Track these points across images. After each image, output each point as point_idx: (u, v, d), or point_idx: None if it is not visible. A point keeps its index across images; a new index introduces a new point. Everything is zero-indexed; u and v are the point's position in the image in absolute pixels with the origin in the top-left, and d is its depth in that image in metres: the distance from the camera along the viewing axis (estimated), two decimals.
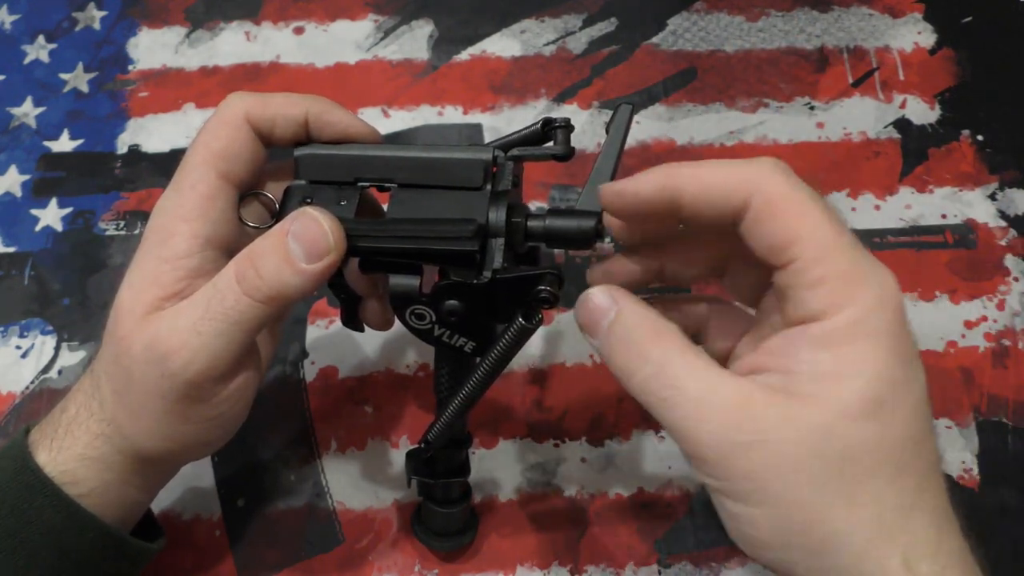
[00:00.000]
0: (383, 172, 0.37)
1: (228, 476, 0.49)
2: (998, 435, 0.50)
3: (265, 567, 0.47)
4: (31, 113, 0.60)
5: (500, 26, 0.64)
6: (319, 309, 0.54)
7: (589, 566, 0.47)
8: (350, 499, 0.49)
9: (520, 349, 0.36)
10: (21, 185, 0.58)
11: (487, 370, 0.37)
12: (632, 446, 0.50)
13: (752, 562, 0.47)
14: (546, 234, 0.36)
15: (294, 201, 0.37)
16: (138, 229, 0.56)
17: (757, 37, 0.63)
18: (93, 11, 0.64)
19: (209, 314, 0.34)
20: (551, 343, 0.53)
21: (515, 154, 0.37)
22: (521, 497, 0.49)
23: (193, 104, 0.60)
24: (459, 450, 0.43)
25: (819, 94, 0.61)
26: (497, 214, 0.36)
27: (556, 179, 0.58)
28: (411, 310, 0.36)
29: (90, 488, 0.36)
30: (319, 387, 0.52)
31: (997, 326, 0.53)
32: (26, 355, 0.52)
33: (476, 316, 0.36)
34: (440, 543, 0.46)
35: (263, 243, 0.34)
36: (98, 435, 0.36)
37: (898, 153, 0.59)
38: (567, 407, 0.51)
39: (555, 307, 0.34)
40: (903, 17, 0.64)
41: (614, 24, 0.64)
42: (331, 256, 0.34)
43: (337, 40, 0.63)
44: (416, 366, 0.52)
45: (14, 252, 0.56)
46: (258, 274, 0.34)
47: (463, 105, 0.61)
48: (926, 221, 0.57)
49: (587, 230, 0.36)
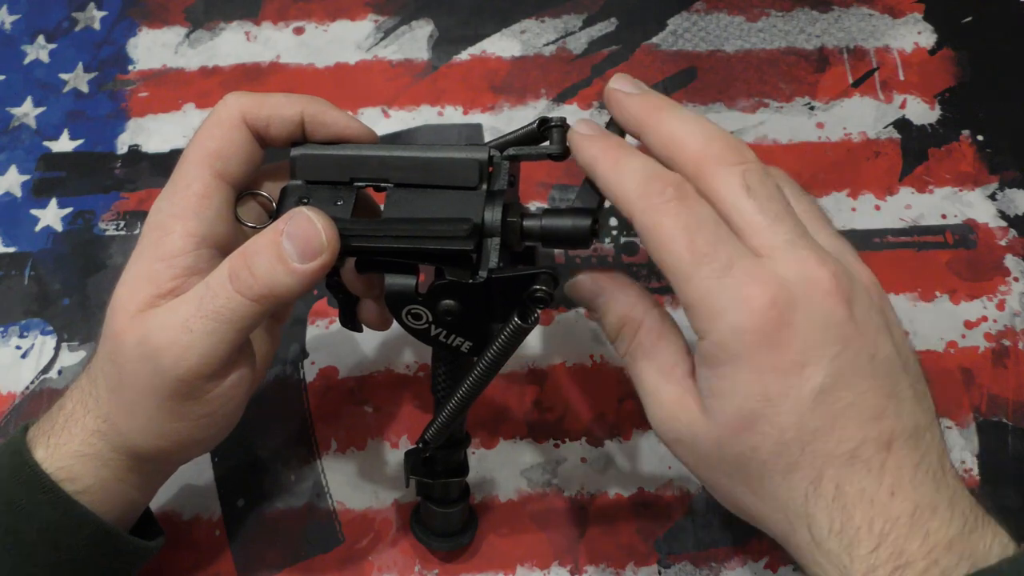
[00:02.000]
0: (379, 172, 0.37)
1: (228, 476, 0.49)
2: (998, 435, 0.50)
3: (265, 567, 0.47)
4: (31, 113, 0.60)
5: (500, 26, 0.64)
6: (319, 309, 0.54)
7: (589, 566, 0.47)
8: (350, 499, 0.49)
9: (517, 348, 0.36)
10: (21, 185, 0.58)
11: (484, 369, 0.37)
12: (632, 446, 0.50)
13: (752, 562, 0.47)
14: (542, 233, 0.36)
15: (290, 201, 0.37)
16: (138, 229, 0.56)
17: (757, 37, 0.63)
18: (93, 11, 0.64)
19: (201, 312, 0.34)
20: (551, 343, 0.53)
21: (511, 154, 0.37)
22: (521, 497, 0.49)
23: (193, 104, 0.60)
24: (457, 450, 0.43)
25: (819, 94, 0.61)
26: (493, 214, 0.36)
27: (556, 179, 0.58)
28: (407, 310, 0.36)
29: (87, 485, 0.36)
30: (319, 387, 0.52)
31: (997, 326, 0.53)
32: (26, 355, 0.52)
33: (472, 316, 0.36)
34: (439, 543, 0.46)
35: (257, 242, 0.34)
36: (94, 432, 0.36)
37: (898, 153, 0.59)
38: (567, 407, 0.51)
39: (550, 306, 0.34)
40: (903, 17, 0.64)
41: (614, 24, 0.64)
42: (324, 256, 0.34)
43: (337, 40, 0.63)
44: (416, 366, 0.52)
45: (14, 252, 0.56)
46: (251, 273, 0.34)
47: (463, 105, 0.61)
48: (926, 221, 0.57)
49: (583, 229, 0.36)
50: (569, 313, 0.54)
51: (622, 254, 0.56)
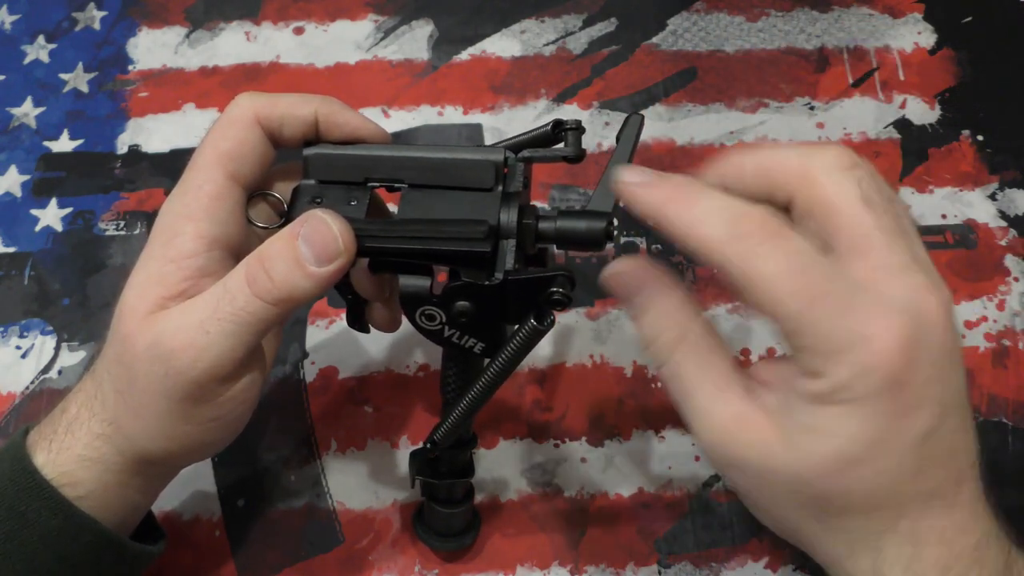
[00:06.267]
0: (393, 172, 0.37)
1: (228, 476, 0.49)
2: (998, 435, 0.50)
3: (265, 567, 0.47)
4: (31, 113, 0.60)
5: (500, 26, 0.64)
6: (319, 309, 0.54)
7: (589, 566, 0.47)
8: (350, 499, 0.49)
9: (531, 350, 0.36)
10: (21, 185, 0.58)
11: (497, 371, 0.36)
12: (632, 446, 0.50)
13: (752, 563, 0.47)
14: (557, 235, 0.36)
15: (303, 201, 0.37)
16: (138, 229, 0.56)
17: (757, 37, 0.63)
18: (93, 11, 0.64)
19: (218, 314, 0.34)
20: (553, 343, 0.53)
21: (526, 155, 0.37)
22: (521, 497, 0.49)
23: (193, 104, 0.60)
24: (464, 450, 0.43)
25: (819, 94, 0.61)
26: (509, 215, 0.36)
27: (557, 179, 0.58)
28: (421, 311, 0.36)
29: (89, 490, 0.36)
30: (319, 387, 0.52)
31: (997, 326, 0.53)
32: (26, 355, 0.52)
33: (486, 317, 0.36)
34: (442, 543, 0.46)
35: (273, 245, 0.34)
36: (98, 435, 0.36)
37: (898, 153, 0.59)
38: (567, 407, 0.51)
39: (567, 308, 0.34)
40: (903, 17, 0.64)
41: (614, 24, 0.64)
42: (341, 259, 0.34)
43: (337, 40, 0.63)
44: (416, 366, 0.52)
45: (14, 252, 0.56)
46: (269, 276, 0.34)
47: (463, 105, 0.61)
48: (926, 221, 0.57)
49: (598, 231, 0.36)
50: (571, 313, 0.54)
51: (622, 254, 0.56)
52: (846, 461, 0.29)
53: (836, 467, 0.29)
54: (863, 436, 0.29)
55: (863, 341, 0.28)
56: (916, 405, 0.29)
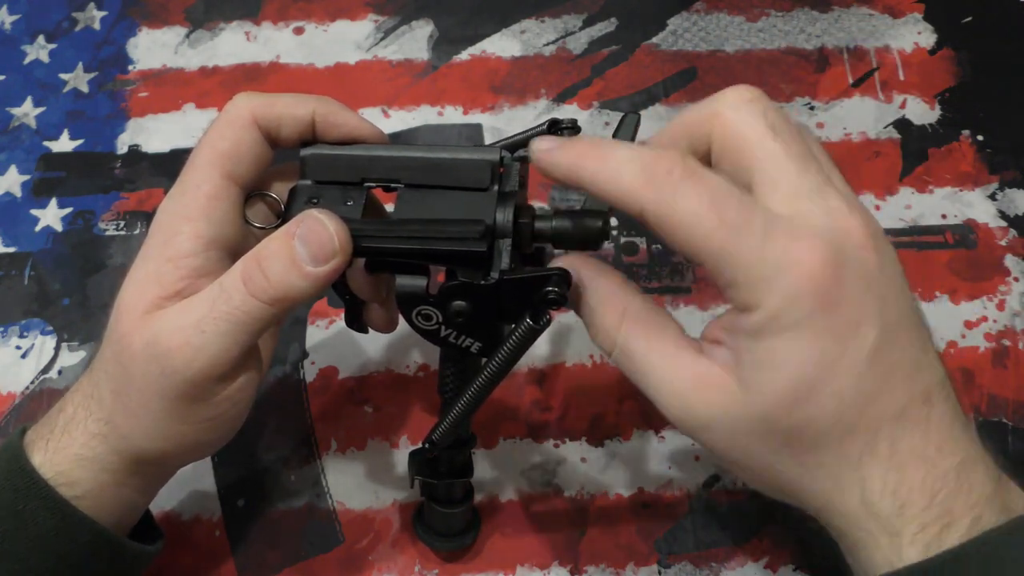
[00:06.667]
0: (390, 172, 0.37)
1: (228, 476, 0.49)
2: (998, 435, 0.50)
3: (265, 567, 0.47)
4: (31, 113, 0.60)
5: (500, 26, 0.64)
6: (319, 309, 0.54)
7: (589, 566, 0.47)
8: (350, 499, 0.49)
9: (527, 350, 0.36)
10: (21, 185, 0.58)
11: (494, 370, 0.36)
12: (632, 446, 0.50)
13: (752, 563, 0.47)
14: (554, 235, 0.36)
15: (300, 201, 0.37)
16: (138, 229, 0.56)
17: (757, 37, 0.63)
18: (93, 11, 0.64)
19: (214, 313, 0.34)
20: (551, 343, 0.53)
21: (522, 155, 0.37)
22: (521, 497, 0.49)
23: (193, 104, 0.60)
24: (462, 450, 0.43)
25: (819, 94, 0.61)
26: (504, 215, 0.36)
27: None
28: (418, 310, 0.36)
29: (85, 490, 0.36)
30: (319, 387, 0.52)
31: (997, 326, 0.53)
32: (26, 355, 0.52)
33: (483, 317, 0.36)
34: (442, 543, 0.46)
35: (269, 245, 0.34)
36: (95, 435, 0.36)
37: (898, 153, 0.59)
38: (567, 407, 0.51)
39: (563, 308, 0.34)
40: (903, 17, 0.64)
41: (614, 24, 0.64)
42: (337, 259, 0.34)
43: (337, 40, 0.63)
44: (416, 366, 0.52)
45: (14, 252, 0.56)
46: (265, 276, 0.34)
47: (463, 105, 0.61)
48: (926, 221, 0.57)
49: (594, 230, 0.36)
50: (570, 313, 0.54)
51: (622, 254, 0.56)
52: (803, 387, 0.30)
53: (795, 396, 0.30)
54: (810, 359, 0.29)
55: (787, 266, 0.29)
56: (856, 322, 0.30)
